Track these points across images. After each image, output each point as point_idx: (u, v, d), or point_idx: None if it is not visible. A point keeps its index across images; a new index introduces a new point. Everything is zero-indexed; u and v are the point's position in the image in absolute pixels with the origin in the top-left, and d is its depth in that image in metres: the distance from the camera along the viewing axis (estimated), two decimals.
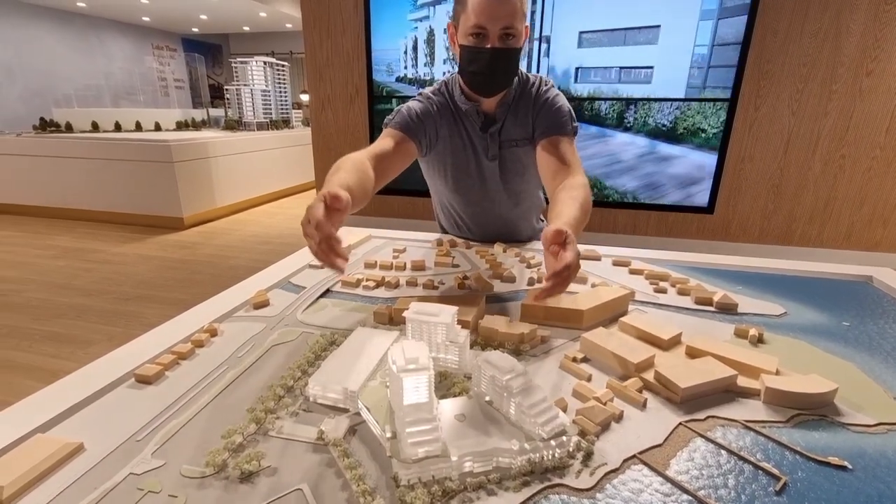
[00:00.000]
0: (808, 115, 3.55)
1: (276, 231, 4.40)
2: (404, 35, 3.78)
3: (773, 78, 3.52)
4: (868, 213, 3.65)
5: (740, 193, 3.81)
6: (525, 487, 0.47)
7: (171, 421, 0.56)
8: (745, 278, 1.05)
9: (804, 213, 3.77)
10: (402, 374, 0.50)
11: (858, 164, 3.56)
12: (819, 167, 3.64)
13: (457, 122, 1.19)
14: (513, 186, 1.26)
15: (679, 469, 0.50)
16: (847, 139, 3.54)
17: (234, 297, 0.91)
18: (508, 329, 0.74)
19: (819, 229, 3.79)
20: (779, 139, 3.63)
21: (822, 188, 3.67)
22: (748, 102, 3.59)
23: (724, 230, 3.95)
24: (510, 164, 1.22)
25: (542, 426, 0.51)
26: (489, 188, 1.25)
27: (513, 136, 1.19)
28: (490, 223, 1.33)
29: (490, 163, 1.21)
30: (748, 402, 0.62)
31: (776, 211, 3.81)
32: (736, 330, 0.80)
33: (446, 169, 1.23)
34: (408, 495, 0.45)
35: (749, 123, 3.63)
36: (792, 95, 3.54)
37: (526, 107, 1.16)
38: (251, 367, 0.68)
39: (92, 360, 0.66)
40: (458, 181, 1.24)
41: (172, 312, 0.78)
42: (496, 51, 1.02)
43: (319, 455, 0.51)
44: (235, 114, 5.93)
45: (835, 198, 3.68)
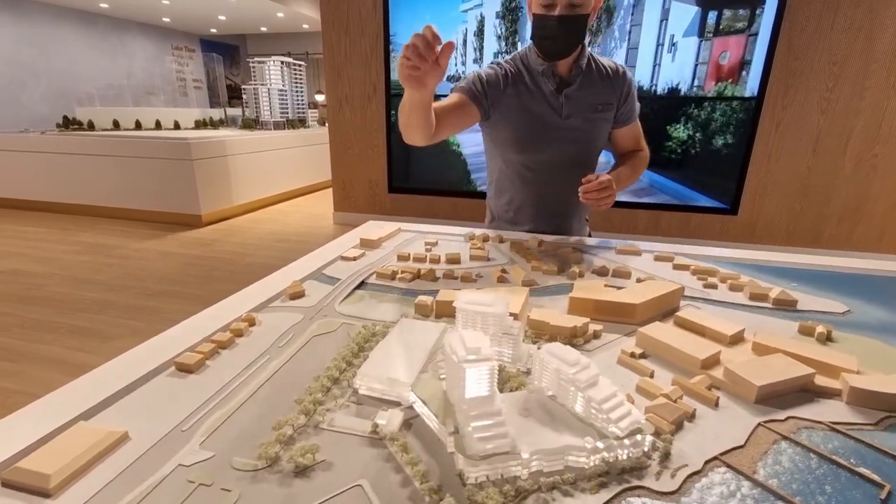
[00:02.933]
0: (839, 114, 3.44)
1: (292, 229, 4.41)
2: (455, 30, 3.74)
3: (802, 75, 3.42)
4: None
5: (766, 194, 3.71)
6: (602, 489, 0.43)
7: (217, 411, 0.53)
8: (796, 275, 1.00)
9: (834, 214, 3.66)
10: (464, 365, 0.47)
11: (893, 163, 3.45)
12: (850, 166, 3.53)
13: (530, 85, 1.23)
14: (579, 156, 1.29)
15: (767, 473, 0.46)
16: (880, 137, 3.43)
17: (268, 288, 0.88)
18: (560, 322, 0.70)
19: (849, 231, 3.68)
20: (807, 138, 3.52)
21: (854, 188, 3.56)
22: (775, 101, 3.49)
23: (749, 232, 3.85)
24: (582, 127, 1.25)
25: (615, 423, 0.47)
26: (555, 153, 1.26)
27: (588, 100, 1.24)
28: (547, 204, 1.32)
29: (564, 121, 1.24)
30: (829, 403, 0.57)
31: (804, 212, 3.70)
32: (801, 327, 0.75)
33: (515, 126, 1.24)
34: (478, 494, 0.41)
35: (776, 122, 3.54)
36: (821, 93, 3.43)
37: (602, 78, 1.25)
38: (293, 358, 0.65)
39: (116, 354, 0.63)
40: (525, 136, 1.25)
41: (193, 308, 0.76)
42: (563, 18, 1.09)
43: (375, 449, 0.48)
44: (253, 113, 5.96)
45: (867, 198, 3.57)
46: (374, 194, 4.43)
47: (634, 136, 1.36)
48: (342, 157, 4.41)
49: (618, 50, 3.51)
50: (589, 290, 0.81)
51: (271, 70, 5.91)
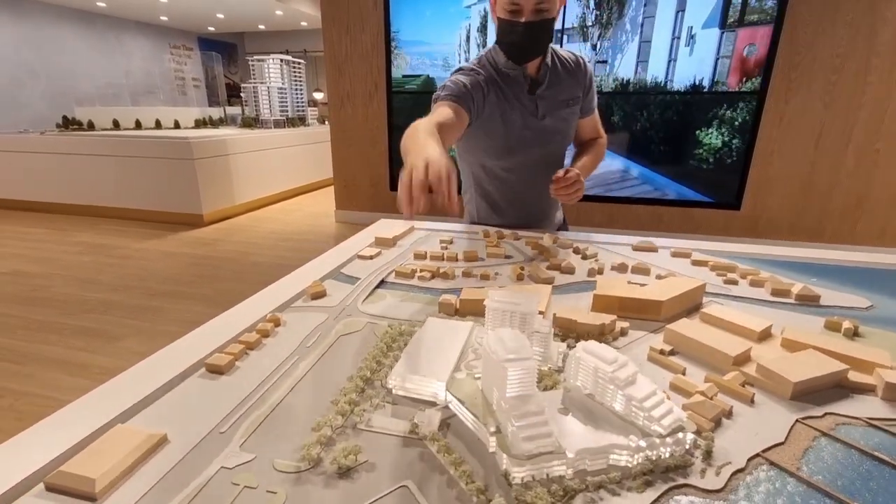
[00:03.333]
0: (842, 108, 3.44)
1: (295, 228, 4.40)
2: (458, 25, 3.72)
3: (805, 69, 3.41)
4: None
5: (769, 189, 3.71)
6: (648, 488, 0.43)
7: (253, 412, 0.53)
8: (813, 270, 1.00)
9: (836, 208, 3.66)
10: (506, 365, 0.47)
11: (894, 158, 3.44)
12: (852, 161, 3.53)
13: (503, 88, 1.20)
14: (555, 152, 1.31)
15: (811, 470, 0.46)
16: (882, 132, 3.43)
17: (288, 288, 0.88)
18: (588, 319, 0.70)
19: (852, 226, 3.68)
20: (810, 133, 3.52)
21: (856, 183, 3.56)
22: (778, 96, 3.49)
23: (752, 227, 3.85)
24: (556, 125, 1.26)
25: (658, 421, 0.46)
26: (534, 154, 1.26)
27: (558, 97, 1.24)
28: (525, 202, 1.34)
29: (540, 122, 1.23)
30: (864, 399, 0.57)
31: (807, 207, 3.70)
32: (827, 323, 0.75)
33: (496, 133, 1.22)
34: (526, 494, 0.41)
35: (779, 116, 3.53)
36: (824, 87, 3.43)
37: (567, 72, 1.25)
38: (322, 358, 0.64)
39: (123, 355, 0.63)
40: (507, 142, 1.24)
41: (199, 308, 0.76)
42: (530, 24, 1.07)
43: (415, 449, 0.48)
44: (252, 112, 5.94)
45: (869, 193, 3.57)
46: (376, 192, 4.43)
47: (594, 125, 1.39)
48: (344, 154, 4.40)
49: (629, 44, 3.47)
50: (612, 287, 0.81)
51: (270, 68, 5.88)
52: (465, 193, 1.43)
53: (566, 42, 3.59)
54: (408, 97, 4.02)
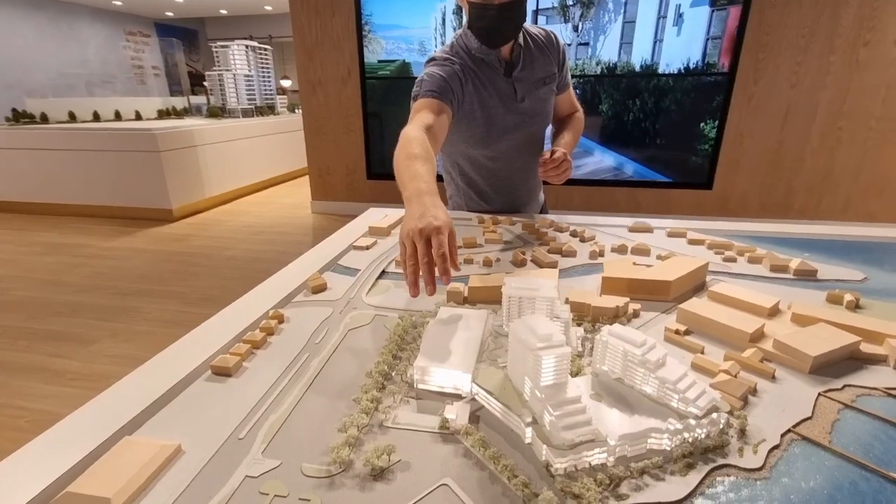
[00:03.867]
0: (807, 88, 3.54)
1: (269, 220, 4.28)
2: (433, 8, 3.62)
3: (772, 50, 3.49)
4: (864, 184, 3.68)
5: (739, 168, 3.80)
6: (691, 470, 0.43)
7: (270, 415, 0.50)
8: (806, 245, 1.02)
9: (802, 186, 3.79)
10: (540, 353, 0.45)
11: (856, 136, 3.57)
12: (817, 140, 3.65)
13: (479, 75, 1.16)
14: (536, 133, 1.28)
15: (843, 443, 0.46)
16: (844, 111, 3.55)
17: (284, 282, 0.84)
18: (601, 303, 0.69)
19: (817, 202, 3.82)
20: (778, 112, 3.62)
21: (820, 161, 3.68)
22: (747, 76, 3.56)
23: (723, 205, 3.95)
24: (536, 106, 1.23)
25: (693, 403, 0.46)
26: (516, 138, 1.23)
27: (535, 76, 1.20)
28: (510, 186, 1.31)
29: (520, 105, 1.19)
30: (878, 369, 0.58)
31: (775, 185, 3.82)
32: (829, 296, 0.76)
33: (478, 122, 1.18)
34: (572, 486, 0.40)
35: (747, 97, 3.62)
36: (791, 68, 3.52)
37: (540, 50, 1.21)
38: (334, 355, 0.61)
39: (98, 359, 0.59)
40: (490, 131, 1.20)
41: (176, 307, 0.72)
42: (503, 6, 1.03)
43: (448, 445, 0.46)
44: (218, 101, 5.70)
45: (832, 170, 3.71)
46: (352, 181, 4.34)
47: (571, 100, 1.35)
48: (317, 143, 4.29)
49: (611, 25, 3.45)
50: (620, 268, 0.80)
51: (236, 55, 5.65)
52: (448, 185, 1.39)
53: (545, 24, 3.56)
54: (383, 83, 3.93)
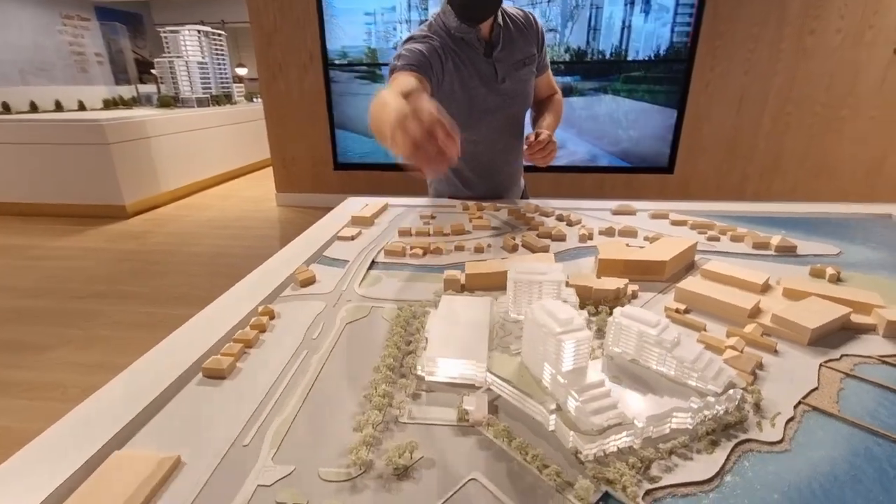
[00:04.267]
0: (759, 75, 3.68)
1: (233, 214, 4.11)
2: None
3: (727, 38, 3.61)
4: (811, 167, 3.88)
5: (698, 152, 3.94)
6: (716, 447, 0.43)
7: (275, 418, 0.46)
8: (780, 223, 1.06)
9: (756, 169, 3.96)
10: (562, 338, 0.44)
11: (802, 121, 3.76)
12: (768, 125, 3.82)
13: (459, 54, 1.12)
14: (517, 116, 1.26)
15: (851, 411, 0.48)
16: (792, 97, 3.72)
17: (268, 277, 0.79)
18: (603, 285, 0.69)
19: (769, 184, 4.01)
20: (732, 98, 3.76)
21: (772, 145, 3.86)
22: (704, 63, 3.67)
23: (684, 189, 4.09)
24: (516, 87, 1.20)
25: (712, 381, 0.46)
26: (498, 120, 1.21)
27: (515, 56, 1.18)
28: (491, 170, 1.29)
29: (501, 86, 1.17)
30: (868, 338, 0.60)
31: (731, 168, 3.98)
32: (812, 270, 0.79)
33: (459, 103, 1.15)
34: (606, 472, 0.39)
35: (705, 84, 3.74)
36: (744, 55, 3.65)
37: (519, 30, 1.19)
38: (335, 350, 0.58)
39: (55, 367, 0.54)
40: (471, 112, 1.17)
41: (139, 308, 0.67)
42: None
43: (470, 438, 0.44)
44: (170, 90, 5.39)
45: (782, 154, 3.89)
46: (318, 172, 4.21)
47: (549, 82, 1.34)
48: (280, 133, 4.13)
49: (581, 10, 3.45)
50: (614, 250, 0.80)
51: (187, 41, 5.34)
52: None
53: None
54: (348, 69, 3.82)
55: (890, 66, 3.45)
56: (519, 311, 0.61)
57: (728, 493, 0.38)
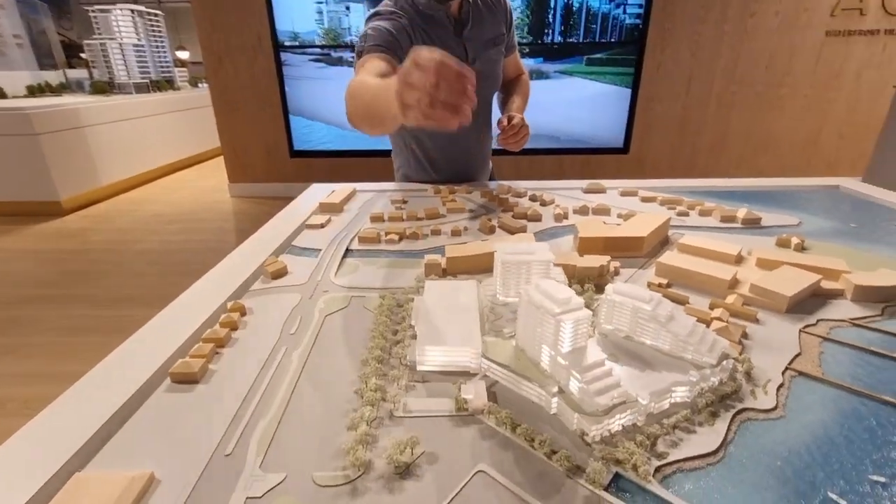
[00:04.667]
0: (706, 56, 3.81)
1: (182, 207, 3.88)
2: None
3: (676, 20, 3.71)
4: (753, 143, 4.09)
5: (651, 132, 4.06)
6: (716, 418, 0.43)
7: (258, 422, 0.43)
8: (737, 196, 1.09)
9: (704, 146, 4.13)
10: (562, 318, 0.42)
11: (745, 100, 3.93)
12: (715, 104, 3.97)
13: (428, 32, 1.07)
14: (486, 98, 1.23)
15: (834, 373, 0.49)
16: (735, 77, 3.88)
17: (234, 270, 0.73)
18: (586, 263, 0.68)
19: (716, 161, 4.19)
20: (681, 79, 3.88)
21: (718, 123, 4.03)
22: (655, 44, 3.76)
23: (639, 168, 4.21)
24: (486, 68, 1.16)
25: (708, 353, 0.46)
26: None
27: (485, 36, 1.14)
28: (461, 155, 1.26)
29: (472, 67, 1.10)
30: (838, 303, 0.63)
31: (681, 147, 4.13)
32: (778, 240, 0.82)
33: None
34: (616, 452, 0.38)
35: (656, 64, 3.83)
36: (691, 37, 3.77)
37: (488, 9, 1.15)
38: (316, 344, 0.55)
39: None
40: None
41: (83, 311, 0.61)
42: None
43: (470, 427, 0.42)
44: (104, 75, 4.99)
45: (727, 131, 4.07)
46: (273, 160, 4.04)
47: (517, 62, 1.31)
48: (230, 120, 3.92)
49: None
50: (593, 228, 0.80)
51: (120, 21, 4.94)
52: (397, 156, 1.32)
53: None
54: (300, 52, 3.65)
55: (823, 46, 3.66)
56: (508, 293, 0.59)
57: (734, 465, 0.38)
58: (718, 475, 0.37)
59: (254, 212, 3.71)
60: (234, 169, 4.09)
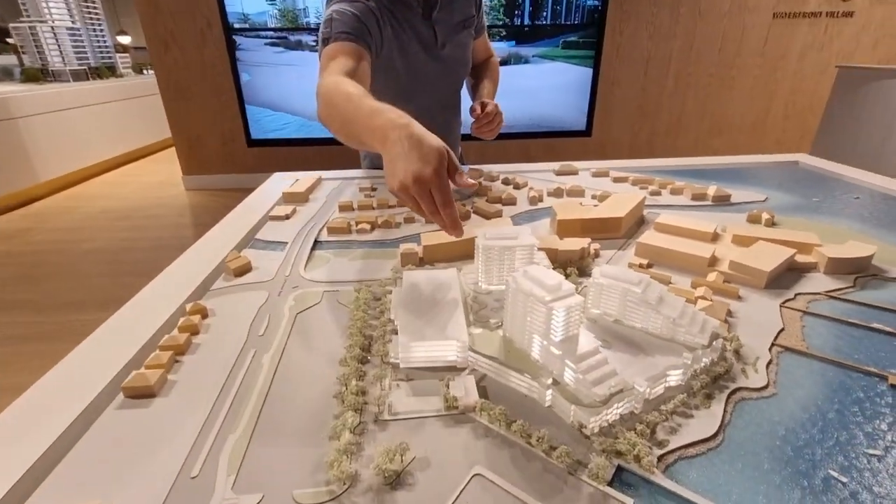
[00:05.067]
0: (662, 37, 3.88)
1: (133, 203, 3.65)
2: None
3: (633, 2, 3.75)
4: (708, 125, 4.21)
5: (612, 115, 4.12)
6: (712, 400, 0.42)
7: (228, 437, 0.38)
8: (698, 175, 1.10)
9: (662, 128, 4.22)
10: (553, 306, 0.40)
11: (700, 82, 4.04)
12: (672, 86, 4.06)
13: (395, 15, 1.01)
14: (456, 83, 1.19)
15: (817, 346, 0.49)
16: (691, 59, 3.96)
17: (191, 269, 0.67)
18: (567, 246, 0.67)
19: (673, 142, 4.30)
20: (640, 61, 3.94)
21: (675, 105, 4.12)
22: (614, 27, 3.80)
23: (602, 150, 4.28)
24: (456, 52, 1.12)
25: (699, 333, 0.45)
26: (438, 87, 1.13)
27: (454, 18, 1.09)
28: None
29: (441, 51, 1.07)
30: (812, 276, 0.64)
31: (641, 129, 4.21)
32: (749, 216, 0.83)
33: (398, 72, 1.04)
34: (617, 445, 0.36)
35: (615, 47, 3.87)
36: (648, 18, 3.82)
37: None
38: (288, 345, 0.50)
39: None
40: (411, 81, 1.06)
41: (24, 317, 0.55)
42: None
43: (463, 427, 0.40)
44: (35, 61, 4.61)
45: (683, 113, 4.17)
46: (230, 151, 3.85)
47: (486, 44, 1.26)
48: (181, 109, 3.70)
49: None
50: (571, 210, 0.78)
51: (50, 3, 4.56)
52: None
53: None
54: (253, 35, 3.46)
55: (770, 28, 3.78)
56: (491, 280, 0.57)
57: (734, 448, 0.37)
58: (720, 460, 0.36)
59: (212, 205, 3.54)
60: (188, 160, 3.88)
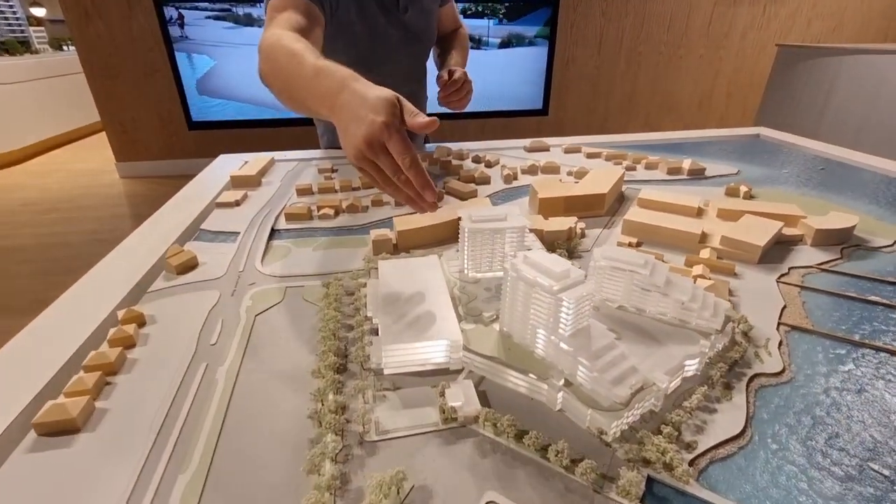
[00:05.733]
0: (614, 15, 3.90)
1: (59, 194, 3.31)
2: None
3: None
4: (658, 102, 4.30)
5: (567, 93, 4.13)
6: (732, 391, 0.38)
7: (177, 477, 0.31)
8: (666, 149, 1.09)
9: (615, 106, 4.28)
10: (563, 296, 0.35)
11: (650, 60, 4.10)
12: (624, 64, 4.10)
13: None
14: (421, 54, 1.11)
15: (824, 323, 0.47)
16: (641, 37, 4.01)
17: (125, 267, 0.57)
18: (553, 227, 0.62)
19: (626, 120, 4.37)
20: (593, 39, 3.95)
21: (627, 83, 4.18)
22: (568, 4, 3.77)
23: (559, 128, 4.29)
24: (420, 20, 1.03)
25: (712, 317, 0.41)
26: (401, 58, 1.04)
27: None
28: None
29: (403, 16, 0.99)
30: (801, 249, 0.62)
31: (595, 107, 4.25)
32: (727, 190, 0.81)
33: (358, 36, 0.95)
34: (646, 452, 0.32)
35: (570, 24, 3.86)
36: None
37: None
38: (247, 355, 0.43)
39: None
40: (372, 48, 0.98)
41: None
42: None
43: (466, 443, 0.34)
44: None
45: (635, 91, 4.24)
46: (169, 134, 3.55)
47: (454, 13, 1.20)
48: (108, 90, 3.36)
49: None
50: (551, 188, 0.73)
51: None
52: (319, 122, 1.15)
53: None
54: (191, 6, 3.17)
55: (715, 7, 3.88)
56: (478, 267, 0.51)
57: (765, 445, 0.34)
58: (754, 458, 0.33)
59: (151, 194, 3.27)
60: (120, 146, 3.55)
